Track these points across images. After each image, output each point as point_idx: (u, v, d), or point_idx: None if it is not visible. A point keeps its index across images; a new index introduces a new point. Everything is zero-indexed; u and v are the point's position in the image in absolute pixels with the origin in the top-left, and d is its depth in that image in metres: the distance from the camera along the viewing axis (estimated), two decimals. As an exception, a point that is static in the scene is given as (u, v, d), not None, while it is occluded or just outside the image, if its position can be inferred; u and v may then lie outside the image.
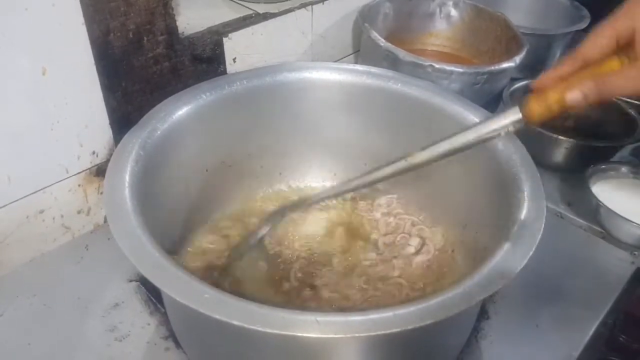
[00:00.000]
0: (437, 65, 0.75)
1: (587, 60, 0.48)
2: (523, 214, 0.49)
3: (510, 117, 0.49)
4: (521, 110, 0.48)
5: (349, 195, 0.71)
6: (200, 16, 0.74)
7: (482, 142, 0.52)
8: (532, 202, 0.50)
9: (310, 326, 0.38)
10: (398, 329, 0.38)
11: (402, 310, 0.39)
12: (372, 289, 0.60)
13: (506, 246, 0.45)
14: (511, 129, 0.49)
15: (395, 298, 0.59)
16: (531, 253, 0.45)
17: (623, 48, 0.47)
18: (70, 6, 0.55)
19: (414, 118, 0.67)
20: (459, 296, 0.41)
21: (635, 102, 0.86)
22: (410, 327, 0.38)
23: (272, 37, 0.78)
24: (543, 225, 0.48)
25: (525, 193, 0.51)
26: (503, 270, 0.43)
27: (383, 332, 0.38)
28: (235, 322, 0.38)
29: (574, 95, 0.46)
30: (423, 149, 0.54)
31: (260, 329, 0.38)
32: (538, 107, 0.47)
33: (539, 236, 0.46)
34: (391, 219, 0.69)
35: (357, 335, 0.38)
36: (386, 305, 0.40)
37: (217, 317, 0.38)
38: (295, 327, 0.38)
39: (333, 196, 0.67)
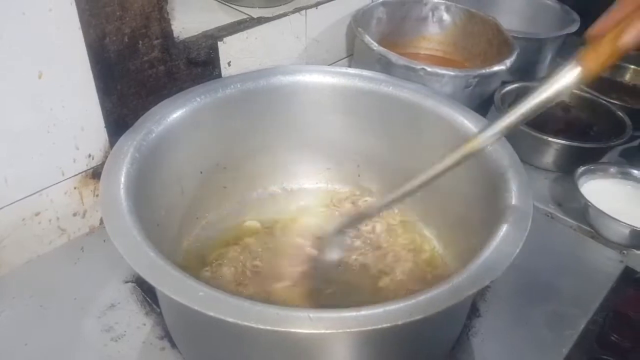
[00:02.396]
0: (429, 69, 0.76)
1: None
2: (510, 213, 0.50)
3: (570, 74, 0.45)
4: (580, 65, 0.44)
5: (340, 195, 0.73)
6: (195, 20, 0.75)
7: (544, 109, 0.47)
8: (519, 201, 0.51)
9: (302, 322, 0.39)
10: (388, 324, 0.39)
11: (392, 306, 0.40)
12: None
13: (494, 244, 0.46)
14: (570, 89, 0.46)
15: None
16: (518, 250, 0.46)
17: None
18: (67, 11, 0.56)
19: (405, 120, 0.68)
20: (447, 292, 0.41)
21: (624, 104, 0.88)
22: (400, 322, 0.39)
23: (267, 41, 0.79)
24: (530, 224, 0.49)
25: (513, 192, 0.52)
26: (491, 267, 0.44)
27: (374, 327, 0.39)
28: (229, 319, 0.39)
29: (630, 37, 0.42)
30: (481, 131, 0.50)
31: (253, 325, 0.38)
32: (595, 58, 0.44)
33: (526, 234, 0.47)
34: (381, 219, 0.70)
35: (348, 330, 0.39)
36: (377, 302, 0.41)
37: (212, 314, 0.39)
38: (288, 323, 0.39)
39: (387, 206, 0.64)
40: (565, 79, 0.45)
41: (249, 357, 0.48)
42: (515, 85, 0.90)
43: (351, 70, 0.71)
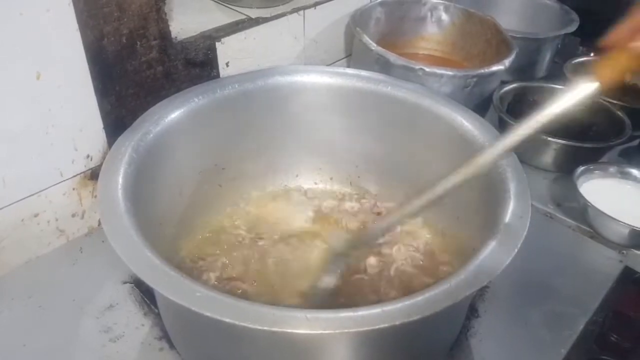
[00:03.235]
0: (427, 69, 0.76)
1: None
2: (509, 213, 0.50)
3: (586, 88, 0.45)
4: (595, 78, 0.44)
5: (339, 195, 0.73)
6: (193, 21, 0.75)
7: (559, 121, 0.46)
8: (517, 201, 0.51)
9: (299, 322, 0.39)
10: (386, 325, 0.39)
11: (389, 307, 0.40)
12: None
13: (492, 244, 0.46)
14: (586, 100, 0.45)
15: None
16: (516, 251, 0.46)
17: None
18: (65, 11, 0.56)
19: (404, 120, 0.68)
20: (445, 292, 0.41)
21: (624, 104, 0.87)
22: (397, 322, 0.39)
23: (265, 41, 0.79)
24: (528, 224, 0.49)
25: (511, 192, 0.52)
26: (488, 267, 0.44)
27: (371, 327, 0.39)
28: (226, 319, 0.39)
29: None
30: (502, 135, 0.49)
31: (250, 325, 0.38)
32: (611, 68, 0.44)
33: (524, 234, 0.47)
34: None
35: (345, 331, 0.39)
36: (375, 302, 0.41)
37: (209, 314, 0.39)
38: (285, 323, 0.39)
39: (393, 225, 0.61)
40: (583, 92, 0.45)
41: (247, 357, 0.48)
42: (514, 85, 0.90)
43: (350, 71, 0.71)
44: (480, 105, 0.83)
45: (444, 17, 0.96)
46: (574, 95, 0.45)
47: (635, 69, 0.44)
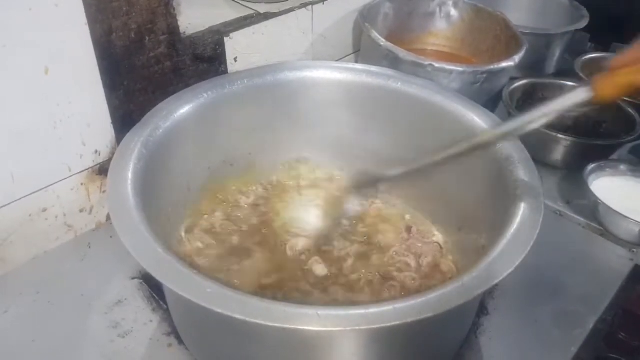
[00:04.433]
0: (436, 65, 0.75)
1: None
2: (521, 211, 0.49)
3: (581, 95, 0.48)
4: (592, 89, 0.47)
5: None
6: (201, 16, 0.75)
7: (550, 120, 0.51)
8: (529, 199, 0.50)
9: (311, 319, 0.38)
10: (397, 322, 0.38)
11: (401, 304, 0.40)
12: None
13: (504, 242, 0.46)
14: (580, 107, 0.49)
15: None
16: (528, 249, 0.45)
17: None
18: (73, 6, 0.56)
19: (413, 116, 0.67)
20: (457, 290, 0.41)
21: (634, 101, 0.86)
22: (409, 320, 0.39)
23: (273, 36, 0.79)
24: (540, 222, 0.48)
25: (523, 190, 0.51)
26: (501, 265, 0.44)
27: (383, 325, 0.38)
28: (237, 316, 0.38)
29: None
30: (492, 128, 0.56)
31: (261, 322, 0.38)
32: (609, 86, 0.47)
33: (537, 232, 0.47)
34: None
35: (357, 328, 0.39)
36: (385, 299, 0.40)
37: (219, 310, 0.39)
38: (296, 320, 0.38)
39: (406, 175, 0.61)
40: (575, 98, 0.48)
41: (257, 353, 0.48)
42: (524, 81, 0.89)
43: (358, 66, 0.70)
44: (490, 102, 0.82)
45: (453, 12, 0.95)
46: (567, 99, 0.48)
47: (631, 94, 0.48)
